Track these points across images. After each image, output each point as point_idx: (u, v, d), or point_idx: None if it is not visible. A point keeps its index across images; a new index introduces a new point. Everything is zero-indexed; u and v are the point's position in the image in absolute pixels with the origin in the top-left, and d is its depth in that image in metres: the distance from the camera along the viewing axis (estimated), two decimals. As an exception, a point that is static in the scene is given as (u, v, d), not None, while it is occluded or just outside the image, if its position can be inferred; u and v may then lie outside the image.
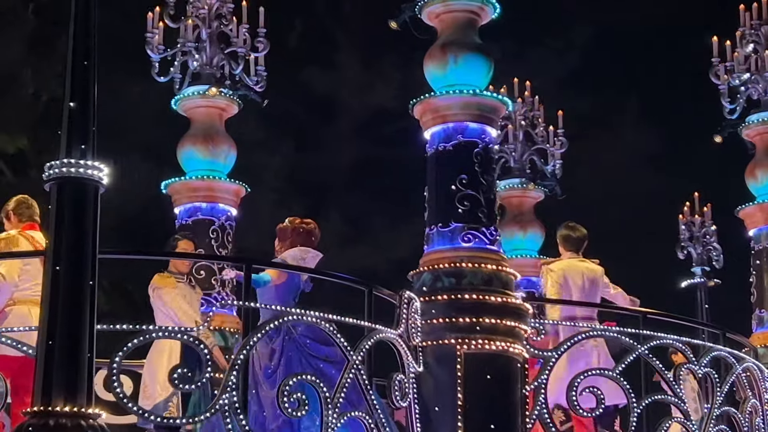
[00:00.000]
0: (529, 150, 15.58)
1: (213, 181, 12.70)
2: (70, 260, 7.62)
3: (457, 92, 10.41)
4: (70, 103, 7.82)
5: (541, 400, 10.28)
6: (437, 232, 10.31)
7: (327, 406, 8.52)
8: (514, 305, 10.08)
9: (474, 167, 10.33)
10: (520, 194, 15.39)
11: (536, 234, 15.44)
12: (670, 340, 11.12)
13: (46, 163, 7.51)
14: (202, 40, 12.81)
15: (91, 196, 7.75)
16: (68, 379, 7.40)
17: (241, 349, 8.30)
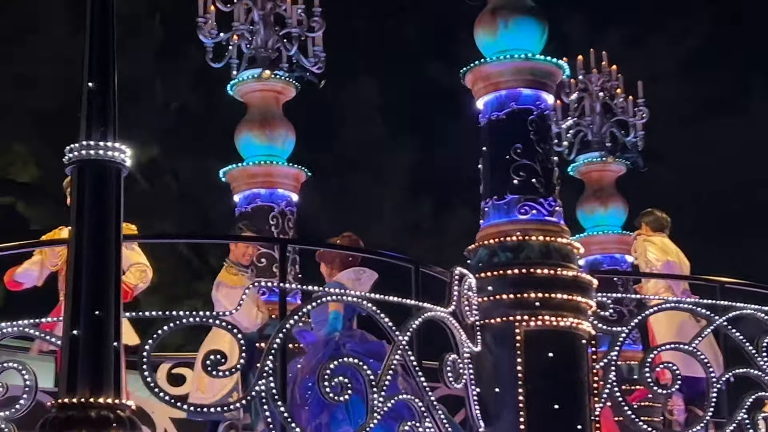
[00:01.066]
0: (608, 122, 15.09)
1: (271, 166, 12.39)
2: (92, 246, 7.41)
3: (509, 57, 9.98)
4: (88, 84, 7.61)
5: (611, 378, 9.83)
6: (492, 206, 9.89)
7: (372, 389, 8.19)
8: (577, 278, 9.62)
9: (529, 135, 9.89)
10: (599, 168, 14.93)
11: (618, 209, 14.95)
12: (750, 310, 10.57)
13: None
14: (255, 22, 12.55)
15: (113, 178, 7.52)
16: (94, 370, 7.17)
17: (276, 334, 8.00)
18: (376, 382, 8.22)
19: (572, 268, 9.68)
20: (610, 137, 15.09)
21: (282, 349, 8.03)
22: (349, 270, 9.42)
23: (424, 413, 8.47)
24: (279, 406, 7.84)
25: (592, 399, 9.62)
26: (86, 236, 7.42)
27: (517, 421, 9.23)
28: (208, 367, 7.77)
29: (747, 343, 10.40)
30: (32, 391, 7.83)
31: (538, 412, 9.27)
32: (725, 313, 10.36)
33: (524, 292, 9.43)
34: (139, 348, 7.83)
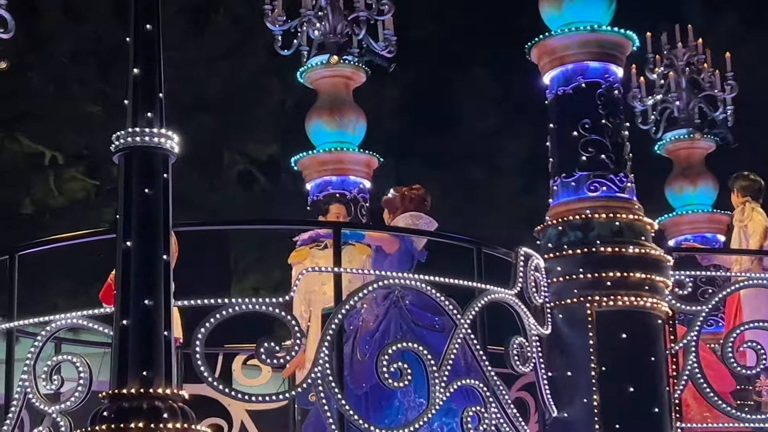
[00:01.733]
0: (695, 98, 14.66)
1: (342, 153, 12.26)
2: (140, 234, 7.33)
3: (574, 30, 9.67)
4: (134, 70, 7.53)
5: (692, 359, 9.50)
6: (561, 184, 9.60)
7: (433, 376, 7.99)
8: (650, 256, 9.28)
9: (597, 110, 9.57)
10: (687, 146, 14.46)
11: (708, 187, 14.49)
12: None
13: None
14: (323, 7, 12.42)
15: (160, 165, 7.44)
16: (143, 360, 7.09)
17: (330, 321, 7.84)
18: (438, 367, 8.02)
19: (645, 246, 9.35)
20: (698, 113, 14.65)
21: (339, 333, 7.87)
22: (406, 215, 9.41)
23: (489, 398, 8.25)
24: (336, 393, 7.68)
25: (671, 381, 9.31)
26: (134, 224, 7.34)
27: (591, 405, 8.95)
28: (262, 355, 7.63)
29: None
30: (86, 384, 7.77)
31: (612, 395, 8.97)
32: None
33: (595, 272, 9.13)
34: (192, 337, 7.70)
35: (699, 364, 9.46)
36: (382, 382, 7.89)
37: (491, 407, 8.21)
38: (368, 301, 9.12)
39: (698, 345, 9.52)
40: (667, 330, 9.40)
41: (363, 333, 8.99)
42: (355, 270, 8.64)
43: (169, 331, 7.24)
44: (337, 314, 7.82)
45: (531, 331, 8.74)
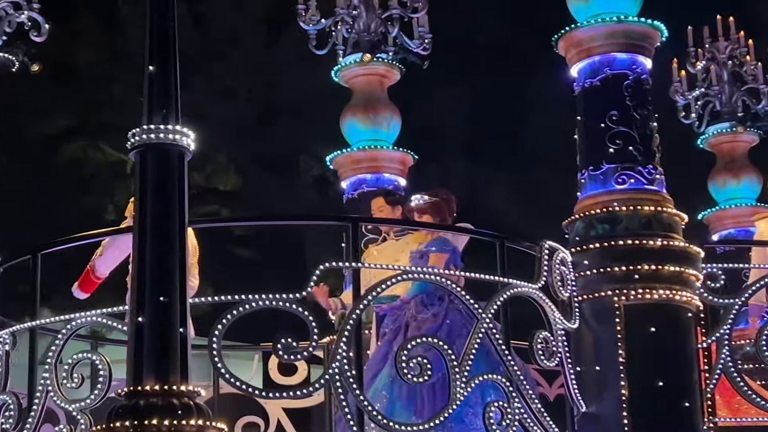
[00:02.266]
0: (738, 91, 14.43)
1: (376, 150, 12.19)
2: (156, 231, 7.29)
3: (600, 21, 9.52)
4: (149, 67, 7.50)
5: (725, 353, 9.31)
6: (589, 177, 9.45)
7: (454, 372, 7.88)
8: (679, 248, 9.11)
9: (625, 101, 9.40)
10: (730, 139, 14.24)
11: (752, 181, 14.26)
12: None
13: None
14: (356, 6, 12.35)
15: (175, 162, 7.40)
16: (159, 357, 7.04)
17: (347, 317, 7.75)
18: (459, 363, 7.91)
19: (675, 238, 9.17)
20: (741, 106, 14.42)
21: (357, 328, 7.77)
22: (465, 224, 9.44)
23: (512, 393, 8.12)
24: (355, 389, 7.59)
25: (702, 375, 9.12)
26: (150, 221, 7.30)
27: (620, 400, 8.79)
28: (279, 351, 7.55)
29: None
30: (106, 381, 7.74)
31: (642, 389, 8.81)
32: None
33: (623, 265, 8.97)
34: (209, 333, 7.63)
35: (732, 357, 9.27)
36: (401, 377, 7.80)
37: (514, 402, 8.07)
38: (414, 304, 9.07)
39: (731, 338, 9.33)
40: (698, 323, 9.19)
41: (423, 330, 8.84)
42: (373, 265, 8.53)
43: (185, 328, 7.18)
44: (355, 310, 7.72)
45: (557, 326, 8.59)
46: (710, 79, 14.33)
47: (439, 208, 9.61)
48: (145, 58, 7.51)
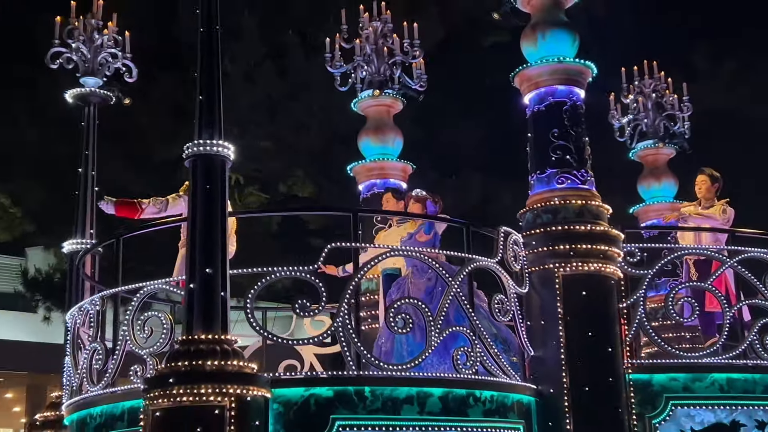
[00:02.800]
0: (659, 116, 14.15)
1: (384, 162, 11.98)
2: (203, 220, 7.14)
3: (545, 61, 9.27)
4: (199, 97, 7.36)
5: (640, 312, 9.04)
6: (536, 179, 9.19)
7: (429, 325, 7.66)
8: (603, 232, 8.81)
9: (564, 122, 9.13)
10: (653, 152, 13.91)
11: (670, 183, 13.94)
12: (757, 252, 9.61)
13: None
14: (368, 54, 12.17)
15: (218, 168, 7.25)
16: (205, 314, 6.90)
17: (348, 284, 7.52)
18: (433, 320, 7.69)
19: (602, 224, 8.90)
20: (662, 128, 14.15)
21: (356, 292, 7.56)
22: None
23: (475, 341, 7.90)
24: (354, 339, 7.39)
25: (622, 328, 8.86)
26: (199, 212, 7.15)
27: (559, 346, 8.53)
28: (297, 309, 7.36)
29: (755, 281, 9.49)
30: (169, 332, 7.59)
31: (575, 339, 8.54)
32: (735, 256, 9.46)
33: (561, 245, 8.71)
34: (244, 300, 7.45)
35: (645, 315, 9.01)
36: (389, 328, 7.60)
37: (477, 348, 7.85)
38: (411, 271, 8.93)
39: (645, 301, 9.06)
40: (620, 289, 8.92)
41: (420, 294, 8.65)
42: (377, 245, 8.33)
43: (226, 293, 7.02)
44: (354, 278, 7.52)
45: (510, 290, 8.36)
46: (638, 107, 14.04)
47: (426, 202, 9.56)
48: (196, 89, 7.37)
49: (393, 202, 10.31)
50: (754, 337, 9.18)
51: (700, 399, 8.90)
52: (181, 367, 6.68)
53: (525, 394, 8.22)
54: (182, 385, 6.56)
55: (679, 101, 14.06)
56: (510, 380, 8.06)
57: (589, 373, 8.44)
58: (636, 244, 9.33)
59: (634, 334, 9.00)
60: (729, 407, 8.93)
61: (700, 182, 11.16)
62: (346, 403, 7.17)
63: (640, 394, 8.78)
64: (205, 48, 7.37)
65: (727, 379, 9.01)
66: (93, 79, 10.44)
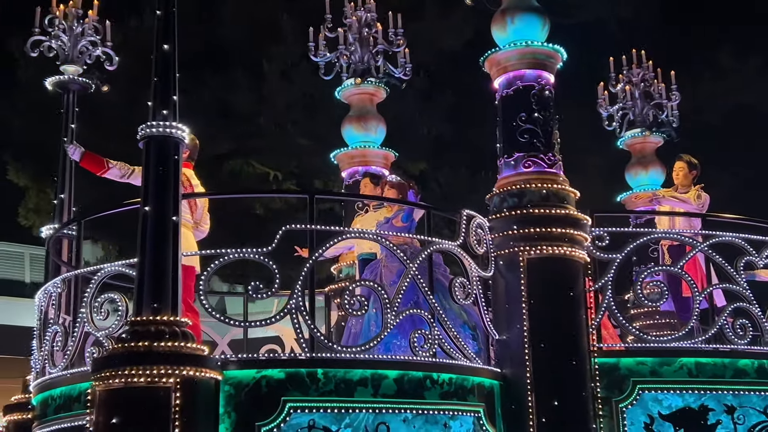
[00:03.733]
0: (647, 105, 13.79)
1: (366, 149, 11.75)
2: (155, 201, 6.92)
3: (513, 45, 8.98)
4: (154, 78, 7.16)
5: (608, 295, 8.73)
6: (504, 163, 8.89)
7: (385, 306, 7.40)
8: (568, 215, 8.51)
9: (532, 106, 8.83)
10: (641, 141, 13.51)
11: (657, 172, 13.55)
12: (729, 237, 9.27)
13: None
14: (351, 43, 11.91)
15: (172, 150, 7.04)
16: (154, 296, 6.69)
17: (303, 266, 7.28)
18: (390, 302, 7.44)
19: (568, 208, 8.61)
20: (651, 117, 13.79)
21: (311, 274, 7.30)
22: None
23: (433, 323, 7.63)
24: (307, 319, 7.14)
25: (588, 311, 8.55)
26: (151, 194, 6.94)
27: (523, 330, 8.25)
28: (250, 292, 7.13)
29: (726, 265, 9.17)
30: (123, 315, 7.39)
31: (539, 322, 8.25)
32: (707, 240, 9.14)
33: (525, 228, 8.42)
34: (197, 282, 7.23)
35: (614, 299, 8.71)
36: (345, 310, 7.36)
37: (435, 330, 7.58)
38: (384, 255, 8.71)
39: (614, 285, 8.76)
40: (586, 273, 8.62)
41: (392, 277, 8.44)
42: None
43: (176, 274, 6.80)
44: (309, 261, 7.27)
45: (472, 273, 8.08)
46: (626, 96, 13.70)
47: (402, 188, 9.42)
48: (152, 73, 7.16)
49: (370, 187, 10.13)
50: (724, 322, 8.85)
51: (667, 383, 8.58)
52: (128, 348, 6.49)
53: (487, 377, 7.95)
54: (127, 366, 6.37)
55: (667, 90, 13.70)
56: (471, 363, 7.78)
57: (552, 356, 8.16)
58: (604, 228, 9.01)
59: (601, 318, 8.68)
60: (697, 391, 8.61)
61: (677, 168, 10.86)
62: (298, 385, 6.93)
63: (606, 378, 8.48)
64: (161, 30, 7.16)
65: (696, 363, 8.68)
66: (73, 66, 10.25)
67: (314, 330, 7.12)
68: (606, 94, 13.69)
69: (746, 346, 8.86)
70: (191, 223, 8.55)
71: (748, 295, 9.06)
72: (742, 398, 8.70)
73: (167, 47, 7.15)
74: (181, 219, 6.92)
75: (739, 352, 8.83)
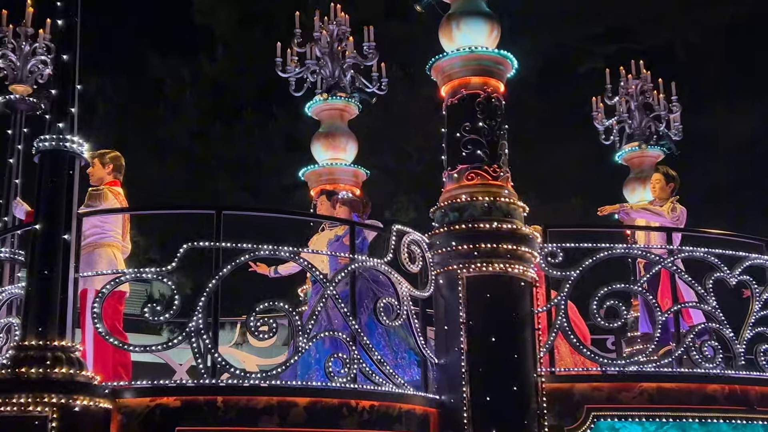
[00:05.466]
0: (647, 117, 13.15)
1: (334, 167, 11.28)
2: (45, 218, 6.56)
3: (456, 52, 8.48)
4: (52, 92, 6.83)
5: (561, 315, 8.13)
6: (448, 176, 8.35)
7: (297, 328, 6.91)
8: (512, 230, 7.93)
9: (476, 115, 8.29)
10: (639, 155, 12.89)
11: (656, 188, 12.91)
12: (701, 253, 8.60)
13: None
14: (319, 57, 11.50)
15: (66, 163, 6.68)
16: (40, 319, 6.31)
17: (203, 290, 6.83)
18: (302, 327, 6.94)
19: (513, 222, 8.03)
20: (650, 129, 13.15)
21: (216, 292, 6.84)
22: (371, 221, 9.09)
23: (352, 347, 7.11)
24: (204, 339, 6.68)
25: (536, 332, 7.94)
26: (42, 210, 6.58)
27: (461, 353, 7.67)
28: (145, 314, 6.70)
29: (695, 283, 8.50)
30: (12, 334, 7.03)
31: (477, 345, 7.67)
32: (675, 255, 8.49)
33: (465, 244, 7.86)
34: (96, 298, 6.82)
35: (567, 319, 8.10)
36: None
37: (354, 353, 7.06)
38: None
39: (567, 304, 8.15)
40: (535, 292, 8.02)
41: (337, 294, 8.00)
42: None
43: (66, 295, 6.41)
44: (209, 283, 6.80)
45: (402, 293, 7.54)
46: (624, 108, 13.10)
47: (354, 206, 9.06)
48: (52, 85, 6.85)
49: (326, 205, 9.72)
50: (690, 343, 8.17)
51: (626, 410, 7.92)
52: (7, 375, 6.10)
53: (419, 404, 7.39)
54: (1, 394, 5.96)
55: (667, 101, 13.05)
56: (398, 390, 7.23)
57: (490, 381, 7.56)
58: (559, 244, 8.42)
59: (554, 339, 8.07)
60: (659, 419, 7.93)
61: (654, 181, 10.23)
62: (195, 414, 6.47)
63: (558, 405, 7.86)
64: (62, 41, 6.85)
65: (658, 388, 8.01)
66: (22, 86, 10.01)
67: (216, 356, 6.65)
68: (602, 107, 13.09)
69: (717, 370, 8.17)
70: (122, 243, 8.20)
71: (718, 315, 8.38)
72: (710, 426, 8.00)
73: (67, 58, 6.82)
74: (73, 238, 6.53)
75: (708, 376, 8.14)
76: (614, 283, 8.31)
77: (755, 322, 8.47)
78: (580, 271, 8.26)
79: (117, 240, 8.16)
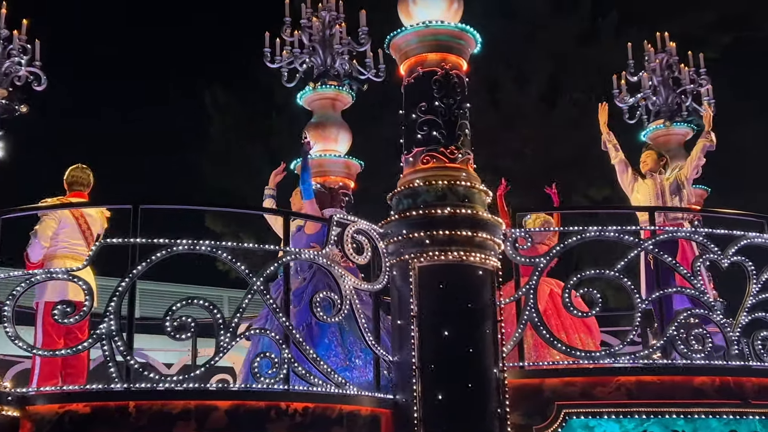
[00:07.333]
0: (673, 93, 12.37)
1: (324, 159, 10.83)
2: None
3: (411, 27, 7.95)
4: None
5: (530, 305, 7.54)
6: (405, 160, 7.81)
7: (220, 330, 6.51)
8: (470, 216, 7.37)
9: (432, 93, 7.74)
10: (664, 133, 12.17)
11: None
12: (683, 233, 7.89)
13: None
14: (306, 45, 11.10)
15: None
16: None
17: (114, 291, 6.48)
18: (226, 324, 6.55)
19: (471, 207, 7.46)
20: (677, 105, 12.38)
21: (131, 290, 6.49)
22: (334, 209, 8.99)
23: (282, 345, 6.68)
24: (117, 341, 6.34)
25: (498, 325, 7.36)
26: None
27: (411, 349, 7.16)
28: (54, 316, 6.39)
29: (677, 264, 7.80)
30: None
31: (429, 339, 7.14)
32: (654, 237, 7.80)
33: (417, 232, 7.34)
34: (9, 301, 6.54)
35: (537, 311, 7.51)
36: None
37: (284, 352, 6.63)
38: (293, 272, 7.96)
39: (536, 292, 7.55)
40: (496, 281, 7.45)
41: (293, 291, 7.65)
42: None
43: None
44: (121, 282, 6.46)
45: (345, 287, 7.07)
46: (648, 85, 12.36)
47: (321, 198, 8.61)
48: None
49: (298, 198, 9.29)
50: (674, 333, 7.48)
51: (601, 406, 7.28)
52: None
53: (365, 405, 6.91)
54: None
55: (696, 74, 12.28)
56: (338, 390, 6.77)
57: (442, 379, 7.02)
58: (524, 229, 7.84)
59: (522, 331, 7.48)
60: (639, 416, 7.27)
61: (646, 156, 9.59)
62: (107, 420, 6.13)
63: (526, 403, 7.28)
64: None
65: (637, 382, 7.35)
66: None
67: (129, 359, 6.31)
68: (623, 84, 12.37)
69: (705, 361, 7.46)
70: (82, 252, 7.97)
71: (707, 300, 7.66)
72: (697, 423, 7.29)
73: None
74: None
75: (695, 367, 7.44)
76: (587, 269, 7.69)
77: (751, 307, 7.70)
78: (548, 258, 7.65)
79: (72, 250, 7.95)
